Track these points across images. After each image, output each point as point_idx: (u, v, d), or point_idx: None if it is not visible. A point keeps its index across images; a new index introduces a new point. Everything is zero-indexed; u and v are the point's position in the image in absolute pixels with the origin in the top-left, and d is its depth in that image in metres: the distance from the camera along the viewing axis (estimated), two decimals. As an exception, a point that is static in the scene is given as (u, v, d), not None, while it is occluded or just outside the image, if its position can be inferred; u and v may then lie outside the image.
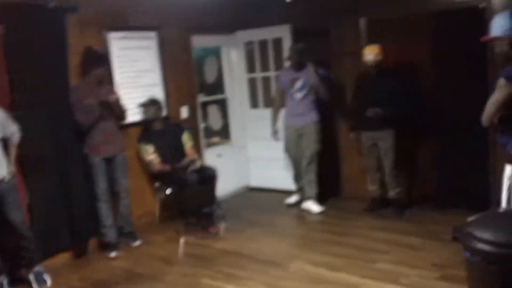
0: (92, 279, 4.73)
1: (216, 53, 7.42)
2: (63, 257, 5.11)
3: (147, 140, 5.71)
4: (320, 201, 6.23)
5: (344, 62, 6.28)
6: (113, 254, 5.21)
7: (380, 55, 5.52)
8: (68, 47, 5.00)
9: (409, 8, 5.63)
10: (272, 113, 6.47)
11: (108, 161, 5.24)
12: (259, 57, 7.07)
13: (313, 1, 6.27)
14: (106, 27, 5.46)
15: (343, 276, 4.30)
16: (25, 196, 4.65)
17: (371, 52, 5.53)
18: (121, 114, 5.35)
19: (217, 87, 7.52)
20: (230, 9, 6.70)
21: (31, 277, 4.49)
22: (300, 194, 6.44)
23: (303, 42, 6.08)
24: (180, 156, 5.83)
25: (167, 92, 6.15)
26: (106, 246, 5.28)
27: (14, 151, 4.43)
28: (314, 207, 6.15)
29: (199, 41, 6.67)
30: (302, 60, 6.01)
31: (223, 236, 5.62)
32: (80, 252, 5.26)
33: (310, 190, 6.21)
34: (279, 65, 6.71)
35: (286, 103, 6.27)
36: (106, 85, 5.29)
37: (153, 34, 5.99)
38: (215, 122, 7.66)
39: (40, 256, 4.61)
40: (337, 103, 6.40)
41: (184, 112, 6.42)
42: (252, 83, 7.24)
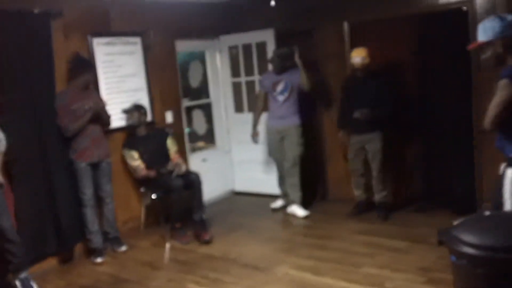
0: (78, 285, 4.71)
1: (201, 58, 7.40)
2: (50, 263, 5.09)
3: (132, 146, 5.69)
4: (306, 205, 6.23)
5: (329, 64, 6.32)
6: (99, 260, 5.19)
7: (368, 58, 5.53)
8: (53, 52, 4.98)
9: (393, 11, 5.67)
10: (253, 115, 6.46)
11: (94, 167, 5.23)
12: (243, 61, 7.06)
13: (297, 5, 6.31)
14: (91, 33, 5.45)
15: (328, 281, 4.30)
16: (13, 201, 4.61)
17: (359, 55, 5.53)
18: (107, 120, 5.37)
19: (202, 92, 7.51)
20: (214, 14, 6.72)
21: (18, 284, 4.44)
22: (285, 199, 6.43)
23: (287, 46, 6.04)
24: (165, 161, 5.81)
25: (152, 97, 6.14)
26: (92, 252, 5.27)
27: (1, 159, 4.34)
28: (299, 212, 6.14)
29: (183, 46, 6.68)
30: (284, 65, 6.02)
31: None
32: (66, 258, 5.24)
33: (294, 194, 6.20)
34: (263, 69, 6.70)
35: (269, 106, 6.27)
36: (93, 91, 5.29)
37: (138, 40, 5.98)
38: (200, 127, 7.62)
39: (27, 262, 4.57)
40: (323, 104, 6.44)
41: (169, 117, 6.41)
42: (237, 88, 7.23)
